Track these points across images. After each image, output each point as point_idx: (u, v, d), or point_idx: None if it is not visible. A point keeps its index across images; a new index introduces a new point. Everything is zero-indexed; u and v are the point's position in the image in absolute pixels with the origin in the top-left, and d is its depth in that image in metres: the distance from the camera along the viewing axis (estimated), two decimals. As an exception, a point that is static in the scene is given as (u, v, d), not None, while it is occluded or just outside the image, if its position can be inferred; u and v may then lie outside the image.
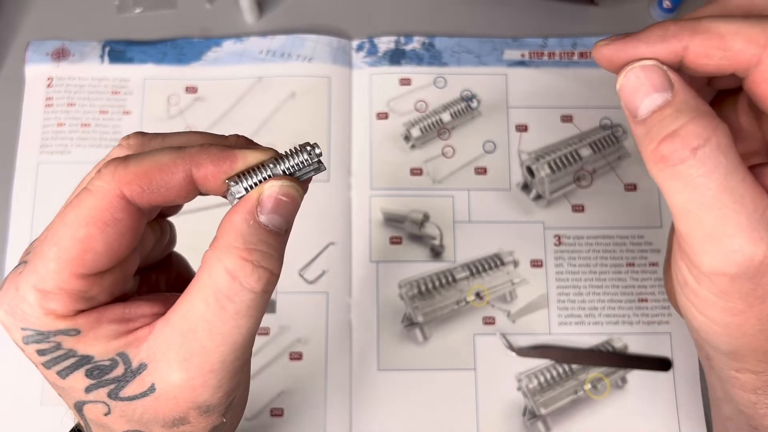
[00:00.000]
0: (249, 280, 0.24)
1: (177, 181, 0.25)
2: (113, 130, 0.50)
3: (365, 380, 0.45)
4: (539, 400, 0.45)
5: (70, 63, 0.51)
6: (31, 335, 0.24)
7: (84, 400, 0.25)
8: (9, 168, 0.49)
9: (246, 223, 0.24)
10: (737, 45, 0.23)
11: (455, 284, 0.47)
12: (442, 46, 0.52)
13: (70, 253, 0.23)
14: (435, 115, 0.50)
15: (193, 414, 0.25)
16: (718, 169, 0.22)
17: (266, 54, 0.51)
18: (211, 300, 0.24)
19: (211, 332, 0.24)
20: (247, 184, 0.25)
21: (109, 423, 0.26)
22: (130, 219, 0.24)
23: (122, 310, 0.25)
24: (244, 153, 0.25)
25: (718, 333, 0.26)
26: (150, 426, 0.25)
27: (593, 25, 0.53)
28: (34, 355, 0.24)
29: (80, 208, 0.24)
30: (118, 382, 0.25)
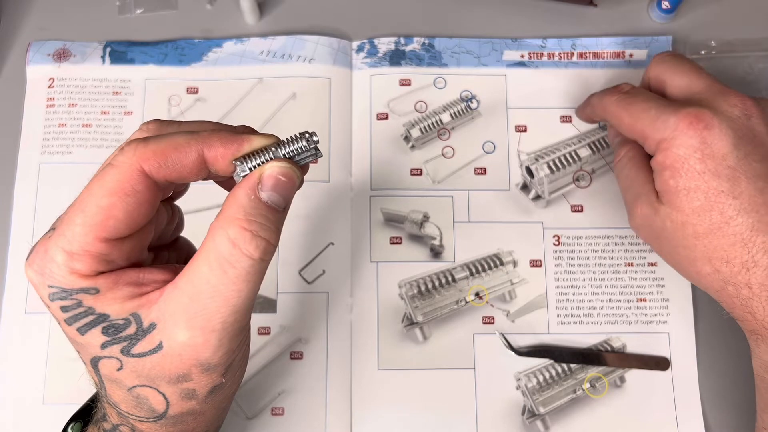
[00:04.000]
0: (248, 247, 0.27)
1: (190, 159, 0.28)
2: (114, 130, 0.50)
3: (365, 380, 0.46)
4: (538, 399, 0.45)
5: (71, 64, 0.51)
6: (57, 292, 0.28)
7: (100, 356, 0.28)
8: (11, 168, 0.49)
9: (247, 198, 0.28)
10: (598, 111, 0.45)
11: (455, 284, 0.47)
12: (441, 46, 0.52)
13: (94, 219, 0.27)
14: (435, 115, 0.51)
15: (196, 371, 0.28)
16: (627, 165, 0.42)
17: (267, 55, 0.51)
18: (214, 265, 0.27)
19: (213, 294, 0.27)
20: (251, 165, 0.28)
21: (121, 378, 0.29)
22: (148, 191, 0.28)
23: (137, 275, 0.29)
24: (250, 138, 0.29)
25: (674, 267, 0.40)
26: (157, 381, 0.29)
27: (592, 26, 0.53)
28: (58, 312, 0.28)
29: (104, 180, 0.27)
30: (130, 339, 0.28)
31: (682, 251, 0.38)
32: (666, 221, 0.38)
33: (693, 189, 0.36)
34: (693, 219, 0.37)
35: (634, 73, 0.51)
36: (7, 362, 0.46)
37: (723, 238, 0.36)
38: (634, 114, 0.39)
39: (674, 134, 0.37)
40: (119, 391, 0.29)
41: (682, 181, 0.37)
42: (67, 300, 0.28)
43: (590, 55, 0.52)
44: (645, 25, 0.53)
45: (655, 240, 0.40)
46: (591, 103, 0.45)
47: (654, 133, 0.38)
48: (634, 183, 0.40)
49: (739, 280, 0.36)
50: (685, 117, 0.37)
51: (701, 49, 0.52)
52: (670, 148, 0.37)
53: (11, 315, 0.46)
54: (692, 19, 0.53)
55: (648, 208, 0.39)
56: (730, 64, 0.52)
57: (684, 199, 0.37)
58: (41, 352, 0.46)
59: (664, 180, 0.37)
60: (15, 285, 0.47)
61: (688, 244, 0.37)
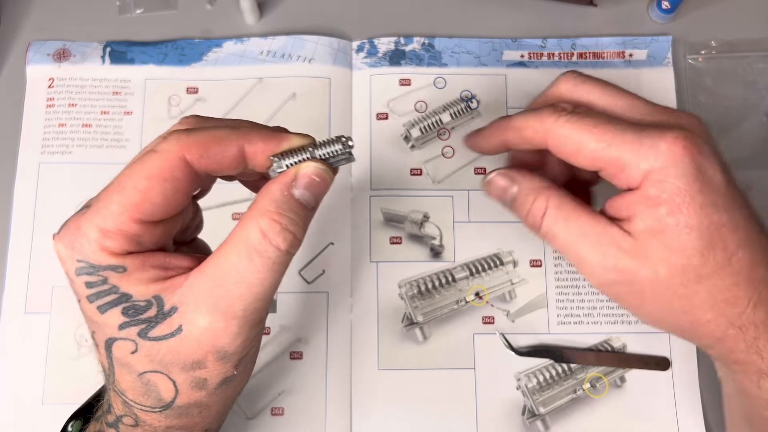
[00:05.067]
0: (277, 239, 0.28)
1: (231, 152, 0.29)
2: (114, 130, 0.50)
3: (365, 379, 0.46)
4: (538, 400, 0.45)
5: (71, 64, 0.51)
6: (84, 267, 0.28)
7: (115, 337, 0.29)
8: (11, 168, 0.49)
9: (281, 193, 0.29)
10: (529, 134, 0.34)
11: (455, 284, 0.47)
12: (441, 46, 0.52)
13: (132, 200, 0.28)
14: (435, 115, 0.51)
15: (211, 359, 0.29)
16: (557, 222, 0.33)
17: (267, 55, 0.51)
18: (243, 252, 0.28)
19: (238, 281, 0.28)
20: (287, 162, 0.30)
21: (133, 362, 0.29)
22: (185, 180, 0.29)
23: (164, 258, 0.30)
24: (289, 136, 0.30)
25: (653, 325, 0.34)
26: (170, 368, 0.29)
27: (592, 26, 0.53)
28: (81, 287, 0.29)
29: (146, 164, 0.29)
30: (149, 322, 0.28)
31: (677, 302, 0.32)
32: (659, 269, 0.31)
33: (696, 226, 0.31)
34: (695, 260, 0.31)
35: (635, 72, 0.51)
36: (7, 362, 0.46)
37: (728, 278, 0.31)
38: (603, 137, 0.31)
39: (668, 162, 0.31)
40: (129, 377, 0.29)
41: (683, 218, 0.31)
42: (94, 276, 0.28)
43: (590, 55, 0.52)
44: (645, 25, 0.53)
45: (635, 295, 0.33)
46: (511, 125, 0.35)
47: (639, 161, 0.31)
48: (587, 235, 0.32)
49: (745, 320, 0.32)
50: (677, 141, 0.31)
51: (701, 49, 0.52)
52: (667, 179, 0.31)
53: (11, 315, 0.46)
54: (692, 19, 0.53)
55: (625, 260, 0.32)
56: (730, 64, 0.52)
57: (686, 239, 0.31)
58: (41, 352, 0.46)
59: (659, 218, 0.31)
60: (15, 284, 0.47)
61: (686, 292, 0.31)
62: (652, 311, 0.33)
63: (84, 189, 0.49)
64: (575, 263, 0.34)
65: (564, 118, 0.33)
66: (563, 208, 0.33)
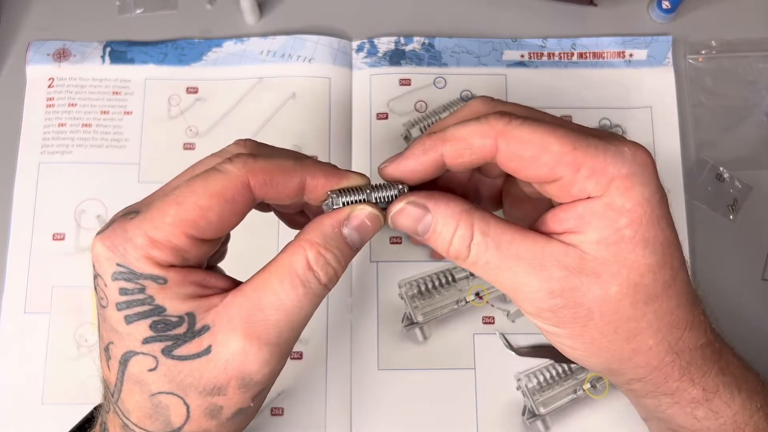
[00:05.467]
0: (320, 272, 0.29)
1: (294, 183, 0.30)
2: (114, 130, 0.50)
3: (365, 380, 0.46)
4: (538, 400, 0.45)
5: (71, 64, 0.51)
6: (124, 272, 0.28)
7: (136, 351, 0.28)
8: (11, 168, 0.49)
9: (332, 229, 0.29)
10: (476, 141, 0.29)
11: (455, 284, 0.47)
12: (441, 46, 0.52)
13: (189, 215, 0.28)
14: (435, 115, 0.50)
15: (233, 385, 0.28)
16: (488, 248, 0.29)
17: (267, 55, 0.51)
18: (285, 279, 0.28)
19: (278, 306, 0.28)
20: (344, 200, 0.30)
21: (148, 380, 0.28)
22: (244, 204, 0.29)
23: (204, 276, 0.29)
24: (348, 174, 0.31)
25: (585, 358, 0.31)
26: (187, 390, 0.28)
27: (592, 26, 0.53)
28: (114, 293, 0.28)
29: (210, 182, 0.28)
30: (176, 339, 0.28)
31: (623, 326, 0.29)
32: (610, 287, 0.28)
33: (652, 240, 0.28)
34: (648, 279, 0.28)
35: (635, 72, 0.51)
36: (7, 362, 0.46)
37: (673, 299, 0.29)
38: (566, 140, 0.28)
39: (635, 169, 0.28)
40: (138, 396, 0.28)
41: (641, 231, 0.28)
42: (132, 283, 0.28)
43: (590, 55, 0.52)
44: (645, 25, 0.53)
45: (582, 320, 0.29)
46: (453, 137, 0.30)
47: (606, 167, 0.28)
48: (524, 258, 0.29)
49: (682, 345, 0.30)
50: (639, 149, 0.29)
51: (701, 49, 0.52)
52: (634, 187, 0.28)
53: (11, 315, 0.46)
54: (692, 19, 0.53)
55: (573, 279, 0.28)
56: (730, 64, 0.52)
57: (641, 254, 0.28)
58: (40, 352, 0.46)
59: (617, 229, 0.28)
60: (15, 284, 0.47)
61: (635, 314, 0.29)
62: (594, 339, 0.29)
63: (84, 189, 0.49)
64: (510, 292, 0.30)
65: (518, 121, 0.29)
66: (491, 231, 0.29)
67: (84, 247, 0.48)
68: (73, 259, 0.47)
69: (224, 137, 0.50)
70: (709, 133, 0.50)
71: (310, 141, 0.49)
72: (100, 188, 0.49)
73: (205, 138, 0.50)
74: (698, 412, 0.31)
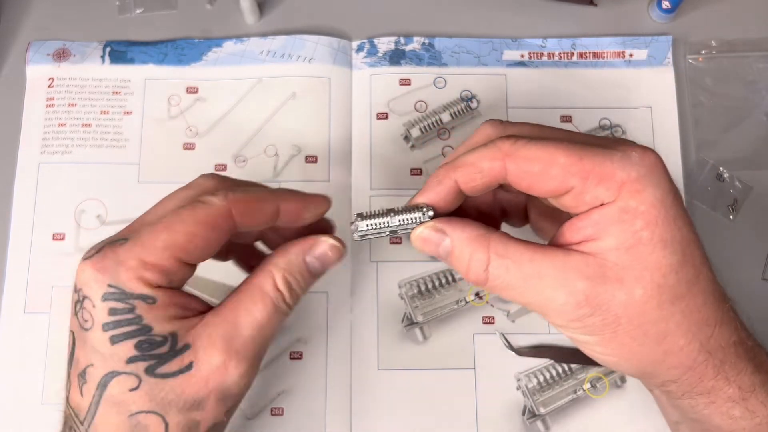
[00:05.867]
0: (286, 294, 0.32)
1: (269, 210, 0.33)
2: (114, 130, 0.50)
3: (365, 380, 0.45)
4: (538, 400, 0.45)
5: (71, 64, 0.51)
6: (115, 293, 0.29)
7: (118, 371, 0.29)
8: (10, 168, 0.49)
9: (296, 256, 0.33)
10: (486, 165, 0.30)
11: (455, 284, 0.47)
12: (441, 46, 0.52)
13: (178, 240, 0.30)
14: (435, 115, 0.50)
15: (212, 399, 0.30)
16: (509, 270, 0.30)
17: (266, 55, 0.51)
18: (257, 298, 0.31)
19: (251, 324, 0.31)
20: (366, 223, 0.33)
21: (130, 400, 0.29)
22: (226, 231, 0.32)
23: (186, 298, 0.31)
24: (315, 199, 0.35)
25: (618, 363, 0.31)
26: (167, 408, 0.29)
27: (592, 25, 0.53)
28: (102, 313, 0.29)
29: (197, 212, 0.31)
30: (159, 358, 0.29)
31: (652, 329, 0.29)
32: (634, 290, 0.29)
33: (670, 240, 0.29)
34: (671, 279, 0.29)
35: (635, 72, 0.51)
36: (6, 362, 0.46)
37: (698, 297, 0.29)
38: (572, 152, 0.29)
39: (644, 171, 0.29)
40: (115, 419, 0.29)
41: (658, 231, 0.28)
42: (122, 303, 0.29)
43: (590, 55, 0.52)
44: (645, 25, 0.53)
45: (611, 326, 0.29)
46: (463, 164, 0.31)
47: (615, 171, 0.28)
48: (546, 275, 0.29)
49: (713, 343, 0.30)
50: (647, 151, 0.29)
51: (701, 49, 0.52)
52: (645, 189, 0.28)
53: (10, 314, 0.46)
54: (692, 19, 0.53)
55: (597, 288, 0.29)
56: (730, 64, 0.52)
57: (661, 255, 0.28)
58: (40, 352, 0.46)
59: (634, 232, 0.28)
60: (14, 284, 0.47)
61: (662, 314, 0.29)
62: (625, 343, 0.30)
63: (84, 189, 0.49)
64: (537, 309, 0.31)
65: (523, 140, 0.30)
66: (509, 253, 0.30)
67: (84, 247, 0.48)
68: (73, 259, 0.47)
69: (224, 137, 0.50)
70: (709, 133, 0.50)
71: (310, 141, 0.49)
72: (100, 188, 0.49)
73: (204, 138, 0.50)
74: (734, 411, 0.31)
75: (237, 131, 0.50)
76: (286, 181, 0.49)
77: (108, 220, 0.48)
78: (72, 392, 0.30)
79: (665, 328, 0.29)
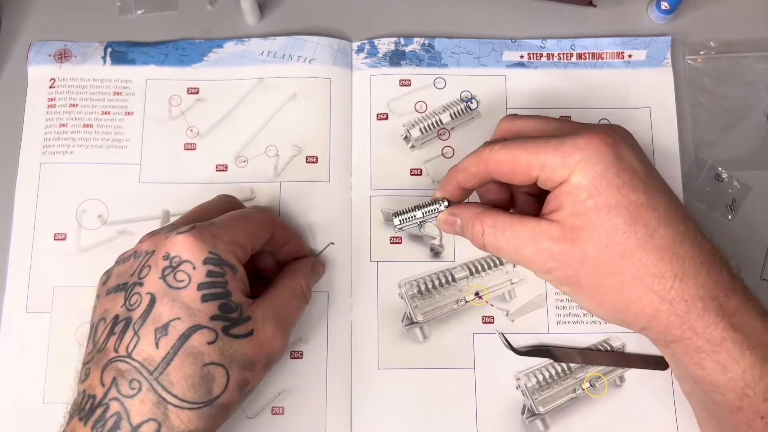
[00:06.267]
0: (308, 294, 0.43)
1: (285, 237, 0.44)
2: (115, 130, 0.50)
3: (365, 379, 0.46)
4: (538, 399, 0.45)
5: (72, 64, 0.51)
6: (214, 258, 0.37)
7: (204, 325, 0.35)
8: (13, 168, 0.49)
9: (308, 267, 0.45)
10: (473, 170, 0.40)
11: (454, 284, 0.47)
12: (441, 47, 0.52)
13: (252, 230, 0.40)
14: (435, 116, 0.51)
15: (262, 362, 0.38)
16: (496, 236, 0.38)
17: (267, 55, 0.52)
18: (290, 294, 0.42)
19: (289, 309, 0.41)
20: (400, 218, 0.44)
21: (204, 351, 0.35)
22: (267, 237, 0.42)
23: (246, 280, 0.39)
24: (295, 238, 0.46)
25: (593, 309, 0.38)
26: (231, 364, 0.36)
27: (592, 26, 0.53)
28: (200, 274, 0.36)
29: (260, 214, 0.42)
30: (233, 321, 0.36)
31: (608, 279, 0.36)
32: (587, 248, 0.35)
33: (614, 205, 0.35)
34: (618, 237, 0.35)
35: (634, 73, 0.51)
36: (8, 362, 0.46)
37: (652, 252, 0.35)
38: (531, 149, 0.37)
39: (587, 153, 0.35)
40: (189, 368, 0.34)
41: (602, 198, 0.35)
42: (218, 267, 0.36)
43: (589, 56, 0.52)
44: (644, 26, 0.53)
45: (575, 276, 0.36)
46: (461, 168, 0.41)
47: (563, 159, 0.35)
48: (526, 234, 0.37)
49: (674, 295, 0.35)
50: (592, 136, 0.36)
51: (700, 49, 0.52)
52: (588, 167, 0.35)
53: (12, 314, 0.46)
54: (691, 20, 0.53)
55: (561, 244, 0.36)
56: (730, 64, 0.52)
57: (606, 217, 0.35)
58: (41, 352, 0.46)
59: (581, 202, 0.35)
60: (16, 284, 0.47)
61: (615, 267, 0.35)
62: (591, 292, 0.37)
63: (85, 189, 0.49)
64: (520, 263, 0.39)
65: (497, 146, 0.38)
66: (497, 223, 0.39)
67: (85, 247, 0.48)
68: (74, 259, 0.48)
69: (225, 138, 0.50)
70: (708, 134, 0.50)
71: (311, 141, 0.50)
72: (101, 188, 0.49)
73: (205, 138, 0.50)
74: (706, 363, 0.35)
75: (238, 132, 0.50)
76: (286, 181, 0.49)
77: (109, 221, 0.48)
78: (144, 345, 0.34)
79: (620, 280, 0.35)
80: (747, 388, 0.35)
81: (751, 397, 0.35)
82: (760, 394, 0.35)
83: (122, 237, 0.48)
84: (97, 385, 0.35)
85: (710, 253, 0.36)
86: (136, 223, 0.48)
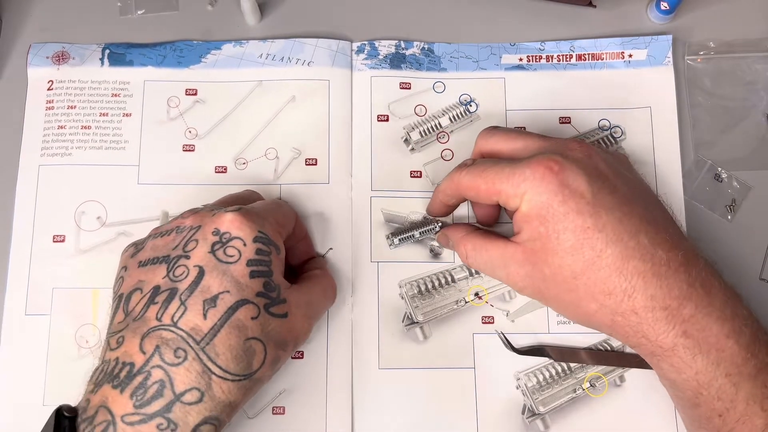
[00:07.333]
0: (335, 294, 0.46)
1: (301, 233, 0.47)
2: (114, 132, 0.50)
3: (366, 379, 0.46)
4: (538, 399, 0.45)
5: (70, 66, 0.51)
6: (263, 237, 0.38)
7: (249, 300, 0.36)
8: (13, 170, 0.49)
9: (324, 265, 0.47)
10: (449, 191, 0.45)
11: (454, 284, 0.47)
12: (440, 51, 0.52)
13: (291, 216, 0.44)
14: (434, 119, 0.51)
15: (291, 344, 0.39)
16: (476, 258, 0.43)
17: (266, 58, 0.51)
18: (319, 287, 0.44)
19: (319, 302, 0.43)
20: (398, 237, 0.48)
21: (248, 326, 0.36)
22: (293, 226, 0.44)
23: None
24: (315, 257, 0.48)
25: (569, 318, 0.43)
26: (269, 340, 0.37)
27: (591, 27, 0.53)
28: (250, 251, 0.37)
29: (289, 205, 0.46)
30: (273, 299, 0.38)
31: (566, 295, 0.39)
32: (544, 269, 0.39)
33: (561, 230, 0.38)
34: (568, 260, 0.38)
35: (634, 72, 0.51)
36: (8, 363, 0.46)
37: (599, 272, 0.37)
38: (488, 178, 0.40)
39: (533, 183, 0.38)
40: (234, 340, 0.35)
41: (550, 226, 0.38)
42: (266, 246, 0.38)
43: (589, 57, 0.52)
44: (644, 26, 0.53)
45: (541, 293, 0.40)
46: (440, 189, 0.45)
47: (513, 189, 0.39)
48: (498, 257, 0.41)
49: (625, 308, 0.37)
50: (538, 165, 0.38)
51: (700, 49, 0.52)
52: (533, 197, 0.38)
53: (12, 316, 0.46)
54: (691, 20, 0.53)
55: (524, 267, 0.40)
56: (730, 64, 0.52)
57: (556, 242, 0.38)
58: (41, 354, 0.46)
59: (534, 228, 0.38)
60: (16, 286, 0.47)
61: (569, 286, 0.38)
62: (557, 306, 0.41)
63: (84, 190, 0.49)
64: (499, 281, 0.43)
65: (464, 171, 0.42)
66: (477, 247, 0.42)
67: (84, 249, 0.48)
68: (73, 261, 0.47)
69: (224, 139, 0.50)
70: (708, 134, 0.51)
71: (310, 144, 0.50)
72: (99, 190, 0.49)
73: (204, 140, 0.50)
74: (662, 364, 0.38)
75: (237, 134, 0.50)
76: (286, 184, 0.49)
77: (108, 222, 0.48)
78: (191, 315, 0.35)
79: (575, 297, 0.38)
80: (701, 388, 0.37)
81: (705, 396, 0.37)
82: (713, 394, 0.37)
83: (121, 238, 0.48)
84: (135, 353, 0.34)
85: (664, 263, 0.37)
86: (135, 224, 0.48)
